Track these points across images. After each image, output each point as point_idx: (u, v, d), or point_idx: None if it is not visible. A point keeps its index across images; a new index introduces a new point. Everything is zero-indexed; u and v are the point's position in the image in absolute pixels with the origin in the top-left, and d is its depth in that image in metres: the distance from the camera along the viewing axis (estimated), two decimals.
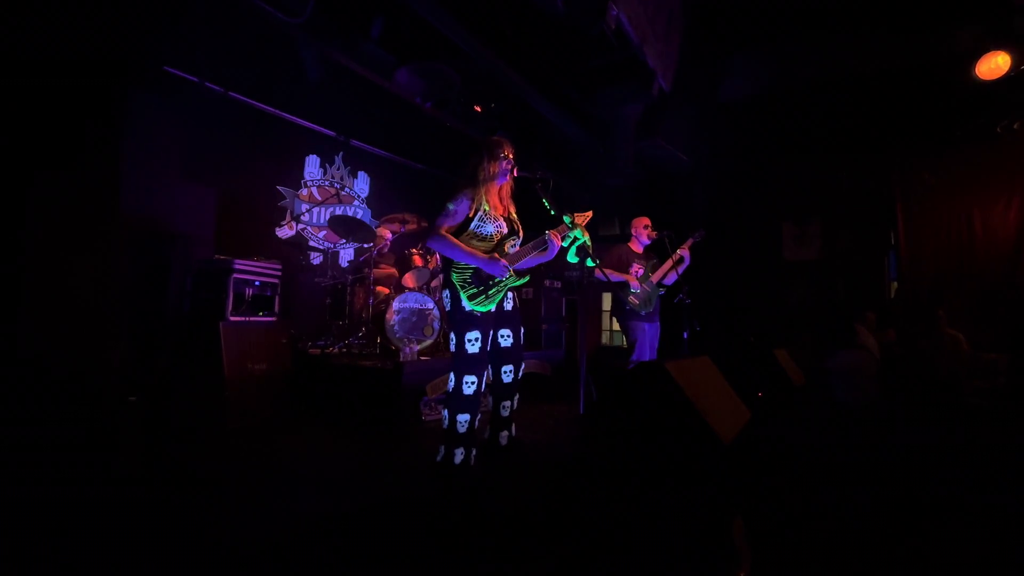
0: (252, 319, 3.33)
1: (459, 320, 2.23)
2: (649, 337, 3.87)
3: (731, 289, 6.05)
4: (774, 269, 6.06)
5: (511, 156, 2.37)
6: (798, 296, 5.90)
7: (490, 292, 2.26)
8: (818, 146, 5.72)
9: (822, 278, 5.86)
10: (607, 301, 6.96)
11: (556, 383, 4.86)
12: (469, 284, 2.23)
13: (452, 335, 2.26)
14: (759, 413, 2.96)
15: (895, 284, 5.74)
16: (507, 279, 2.30)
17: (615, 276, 3.73)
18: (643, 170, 5.54)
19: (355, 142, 5.62)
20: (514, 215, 2.47)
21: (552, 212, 2.35)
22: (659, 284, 3.89)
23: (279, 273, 3.56)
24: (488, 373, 2.37)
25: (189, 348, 3.20)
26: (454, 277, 2.24)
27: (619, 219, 6.96)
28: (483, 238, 2.30)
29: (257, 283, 3.39)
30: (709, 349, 4.21)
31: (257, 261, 3.43)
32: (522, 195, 2.48)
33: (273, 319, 3.47)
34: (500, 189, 2.40)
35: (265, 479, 2.27)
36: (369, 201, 5.95)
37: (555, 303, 5.70)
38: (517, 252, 2.36)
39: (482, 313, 2.24)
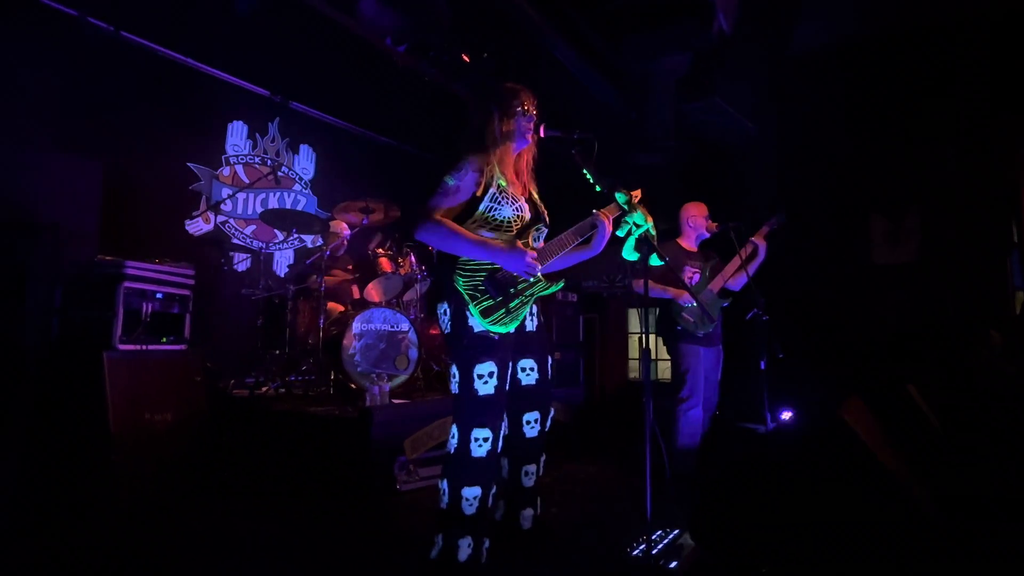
0: (152, 347, 3.18)
1: (466, 346, 2.07)
2: (705, 366, 3.67)
3: (801, 301, 5.88)
4: (859, 275, 5.92)
5: (533, 111, 2.25)
6: (892, 311, 5.75)
7: (512, 304, 2.10)
8: (917, 114, 5.63)
9: (922, 287, 5.74)
10: (634, 319, 6.74)
11: (574, 433, 4.67)
12: (482, 293, 2.06)
13: (454, 369, 2.10)
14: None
15: (1021, 294, 5.64)
16: (535, 284, 2.15)
17: (655, 291, 3.55)
18: (686, 144, 5.36)
19: (296, 104, 5.56)
20: (537, 196, 2.37)
21: (598, 188, 2.18)
22: (722, 293, 3.69)
23: (191, 281, 3.44)
24: (503, 425, 2.22)
25: (57, 391, 2.97)
26: (460, 282, 2.08)
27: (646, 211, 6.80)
28: (498, 226, 2.15)
29: (160, 295, 3.25)
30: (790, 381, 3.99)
31: (160, 264, 3.28)
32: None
33: (182, 347, 3.35)
34: (517, 159, 2.32)
35: None
36: (315, 185, 5.87)
37: (570, 323, 5.45)
38: (549, 245, 2.22)
39: (500, 335, 2.07)
